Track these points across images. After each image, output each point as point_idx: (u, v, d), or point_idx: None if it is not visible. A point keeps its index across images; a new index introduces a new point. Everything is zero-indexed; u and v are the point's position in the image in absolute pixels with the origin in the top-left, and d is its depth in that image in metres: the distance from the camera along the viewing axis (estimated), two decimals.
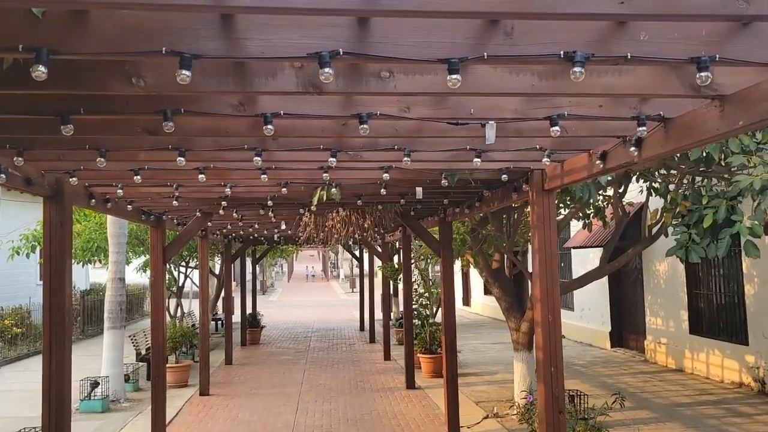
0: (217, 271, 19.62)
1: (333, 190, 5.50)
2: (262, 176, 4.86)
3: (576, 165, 4.40)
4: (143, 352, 12.64)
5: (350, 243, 18.53)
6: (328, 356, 15.35)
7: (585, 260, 15.54)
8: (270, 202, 6.38)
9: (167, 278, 14.47)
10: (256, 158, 4.31)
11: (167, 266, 13.38)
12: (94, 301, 21.76)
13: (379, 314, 20.03)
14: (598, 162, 4.08)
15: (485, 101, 3.38)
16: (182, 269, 16.31)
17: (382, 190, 5.59)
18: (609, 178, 6.19)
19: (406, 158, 4.09)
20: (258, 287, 46.75)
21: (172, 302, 15.77)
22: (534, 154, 4.45)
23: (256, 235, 12.90)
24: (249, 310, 19.11)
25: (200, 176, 4.74)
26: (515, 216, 9.25)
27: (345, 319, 25.09)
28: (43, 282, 4.84)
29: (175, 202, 6.13)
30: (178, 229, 9.10)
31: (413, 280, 13.83)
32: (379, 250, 15.71)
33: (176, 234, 9.23)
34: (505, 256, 9.46)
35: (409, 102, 3.31)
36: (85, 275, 27.38)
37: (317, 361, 14.67)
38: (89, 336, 19.76)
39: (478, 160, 4.20)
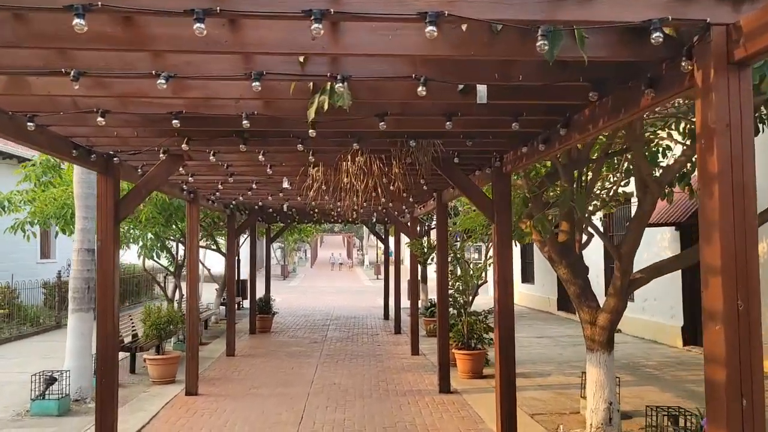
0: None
1: (339, 88, 3.31)
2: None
3: None
4: (126, 340, 10.66)
5: (373, 219, 16.36)
6: (346, 348, 13.25)
7: (649, 242, 13.13)
8: (246, 123, 4.22)
9: (165, 256, 12.51)
10: (197, 26, 2.23)
11: (163, 244, 11.40)
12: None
13: (405, 302, 17.91)
14: None
15: None
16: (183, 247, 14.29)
17: (421, 90, 3.37)
18: None
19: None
20: (279, 272, 45.08)
21: (171, 283, 13.80)
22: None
23: (260, 203, 10.80)
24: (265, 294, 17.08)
25: None
26: (589, 171, 6.98)
27: (368, 307, 23.01)
28: None
29: (100, 120, 4.00)
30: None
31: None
32: (408, 225, 13.49)
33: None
34: (573, 226, 7.17)
35: None
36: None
37: (334, 354, 12.58)
38: None
39: None
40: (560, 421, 7.38)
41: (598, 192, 7.61)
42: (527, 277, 22.55)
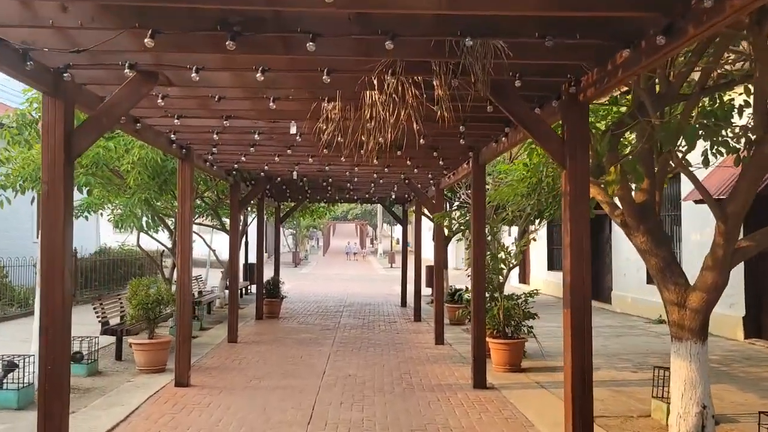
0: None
1: None
2: None
3: None
4: (112, 322, 9.36)
5: (392, 196, 14.92)
6: (362, 336, 11.88)
7: (704, 222, 11.61)
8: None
9: (161, 229, 11.16)
10: None
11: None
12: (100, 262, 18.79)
13: (425, 290, 16.51)
14: None
15: None
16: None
17: None
18: None
19: None
20: (291, 259, 43.79)
21: (168, 262, 12.48)
22: None
23: (266, 167, 9.42)
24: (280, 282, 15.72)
25: None
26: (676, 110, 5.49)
27: (383, 294, 21.62)
28: None
29: None
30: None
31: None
32: (432, 200, 12.03)
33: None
34: (654, 184, 5.69)
35: None
36: (96, 232, 24.51)
37: (348, 342, 11.21)
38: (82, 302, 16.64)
39: None
40: (632, 428, 5.96)
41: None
42: (554, 263, 21.04)
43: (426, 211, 14.52)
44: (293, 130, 5.99)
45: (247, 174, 10.57)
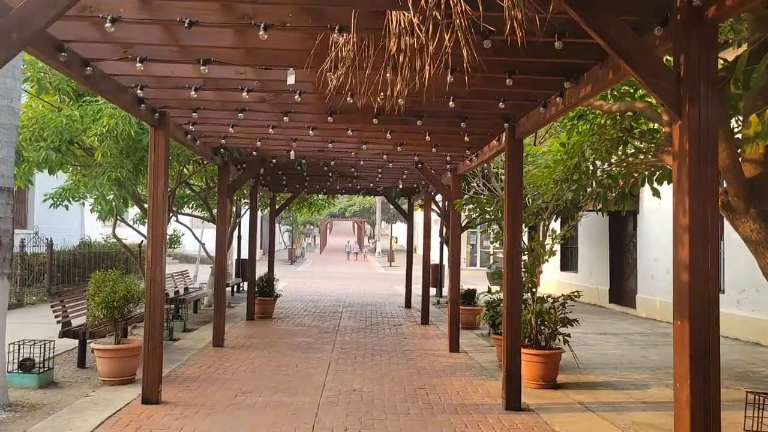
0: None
1: None
2: None
3: None
4: (76, 323, 7.96)
5: (399, 186, 13.53)
6: (365, 341, 10.51)
7: None
8: None
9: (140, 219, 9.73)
10: None
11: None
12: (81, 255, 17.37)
13: (432, 290, 15.15)
14: None
15: None
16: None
17: None
18: None
19: None
20: (287, 257, 42.31)
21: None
22: None
23: (259, 143, 8.01)
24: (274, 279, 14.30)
25: None
26: None
27: (385, 294, 20.26)
28: None
29: None
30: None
31: (495, 236, 8.84)
32: (449, 187, 10.64)
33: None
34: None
35: None
36: (80, 224, 23.05)
37: (350, 348, 9.84)
38: None
39: None
40: None
41: None
42: (568, 264, 19.68)
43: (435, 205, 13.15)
44: (291, 80, 4.61)
45: (237, 153, 9.17)
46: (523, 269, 7.67)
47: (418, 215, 21.11)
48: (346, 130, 7.05)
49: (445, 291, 18.99)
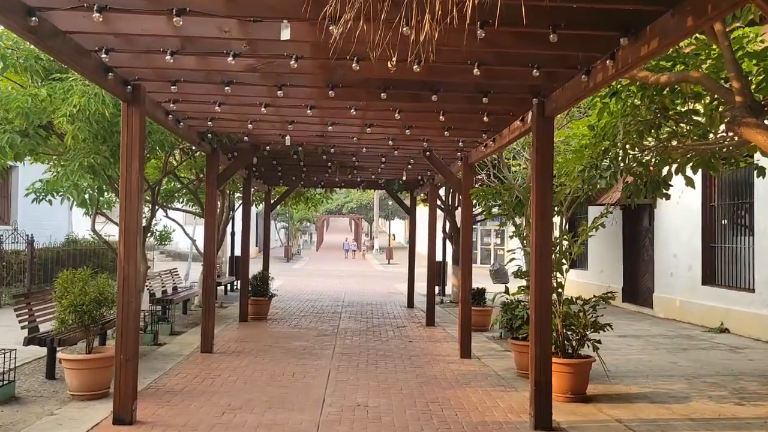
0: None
1: None
2: None
3: None
4: (44, 328, 7.09)
5: (403, 178, 12.68)
6: (367, 345, 9.66)
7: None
8: None
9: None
10: None
11: None
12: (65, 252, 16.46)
13: (436, 289, 14.31)
14: None
15: None
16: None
17: None
18: None
19: None
20: (283, 254, 41.38)
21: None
22: None
23: (251, 127, 7.11)
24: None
25: None
26: None
27: (385, 292, 19.42)
28: None
29: None
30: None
31: (516, 231, 7.96)
32: (459, 178, 9.76)
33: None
34: None
35: None
36: (67, 220, 22.13)
37: (351, 353, 8.99)
38: None
39: None
40: None
41: None
42: (576, 261, 18.80)
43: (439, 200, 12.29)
44: (285, 34, 3.74)
45: (227, 139, 8.28)
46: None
47: (419, 211, 20.26)
48: (349, 109, 6.18)
49: (448, 290, 18.18)
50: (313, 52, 4.46)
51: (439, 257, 17.77)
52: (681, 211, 12.73)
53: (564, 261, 6.81)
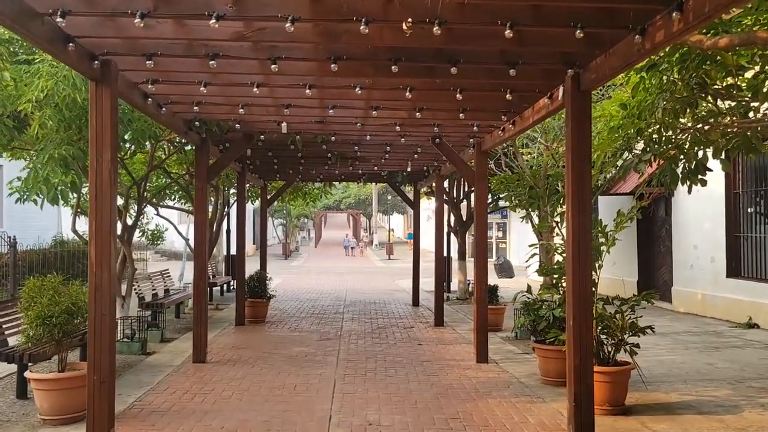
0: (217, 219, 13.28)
1: None
2: None
3: None
4: (13, 342, 6.31)
5: (407, 169, 11.91)
6: (374, 350, 8.91)
7: None
8: None
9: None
10: None
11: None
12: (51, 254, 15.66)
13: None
14: None
15: None
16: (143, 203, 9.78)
17: None
18: None
19: None
20: (281, 251, 40.52)
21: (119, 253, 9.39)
22: None
23: (242, 111, 6.35)
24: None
25: None
26: None
27: (387, 290, 18.69)
28: None
29: None
30: None
31: (540, 223, 7.20)
32: (470, 167, 8.97)
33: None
34: None
35: None
36: (57, 220, 21.35)
37: (357, 359, 8.25)
38: None
39: None
40: None
41: None
42: None
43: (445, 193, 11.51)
44: None
45: (217, 128, 7.49)
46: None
47: (422, 204, 19.48)
48: (354, 87, 5.41)
49: (453, 285, 17.43)
50: (313, 11, 3.69)
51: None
52: (701, 200, 11.98)
53: (597, 256, 6.06)
